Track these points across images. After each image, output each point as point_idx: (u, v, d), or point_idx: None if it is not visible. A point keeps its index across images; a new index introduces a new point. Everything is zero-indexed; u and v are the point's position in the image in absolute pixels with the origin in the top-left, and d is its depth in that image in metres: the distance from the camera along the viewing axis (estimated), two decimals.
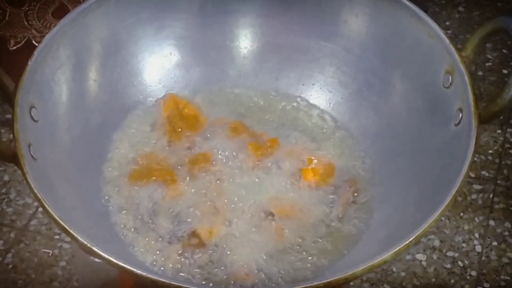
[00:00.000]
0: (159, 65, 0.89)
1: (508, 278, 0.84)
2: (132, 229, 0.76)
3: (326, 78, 0.89)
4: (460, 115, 0.71)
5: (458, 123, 0.71)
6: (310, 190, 0.79)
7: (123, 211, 0.77)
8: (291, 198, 0.78)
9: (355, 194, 0.79)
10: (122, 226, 0.76)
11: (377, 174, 0.81)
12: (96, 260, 0.60)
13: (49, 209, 0.61)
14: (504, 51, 1.23)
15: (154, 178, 0.79)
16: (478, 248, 0.88)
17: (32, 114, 0.71)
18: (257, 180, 0.79)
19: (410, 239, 0.61)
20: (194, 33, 0.89)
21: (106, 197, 0.79)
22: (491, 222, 0.90)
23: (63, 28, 0.77)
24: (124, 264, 0.59)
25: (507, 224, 0.92)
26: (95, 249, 0.60)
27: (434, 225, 0.61)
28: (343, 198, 0.79)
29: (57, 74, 0.77)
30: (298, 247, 0.75)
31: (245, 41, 0.92)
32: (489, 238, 0.89)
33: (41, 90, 0.73)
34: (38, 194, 0.62)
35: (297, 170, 0.81)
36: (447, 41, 0.74)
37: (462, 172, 0.64)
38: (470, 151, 0.66)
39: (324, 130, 0.87)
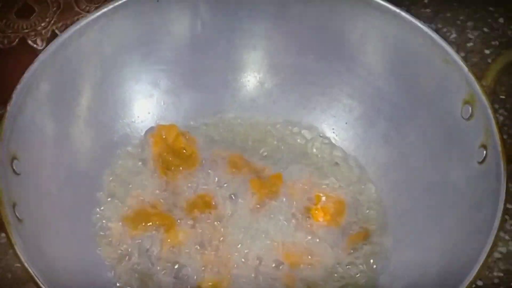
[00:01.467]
0: (147, 94, 0.82)
1: (501, 274, 0.80)
2: (131, 285, 0.70)
3: (329, 101, 0.83)
4: (484, 152, 0.66)
5: (482, 161, 0.66)
6: (320, 233, 0.74)
7: (119, 264, 0.71)
8: (300, 244, 0.73)
9: (369, 235, 0.74)
10: (120, 284, 0.70)
11: (392, 211, 0.76)
12: None
13: None
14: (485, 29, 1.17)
15: (150, 223, 0.73)
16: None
17: (14, 167, 0.64)
18: (262, 224, 0.73)
19: None
20: (184, 57, 0.82)
21: (99, 249, 0.72)
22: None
23: (42, 63, 0.70)
24: None
25: None
26: None
27: None
28: (356, 240, 0.74)
29: (38, 115, 0.70)
30: None
31: (240, 64, 0.85)
32: None
33: (22, 137, 0.66)
34: (31, 270, 0.57)
35: (305, 210, 0.75)
36: (465, 68, 0.69)
37: (494, 226, 0.59)
38: (501, 200, 0.60)
39: (329, 160, 0.81)
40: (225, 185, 0.76)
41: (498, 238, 0.60)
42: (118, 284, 0.70)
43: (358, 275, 0.72)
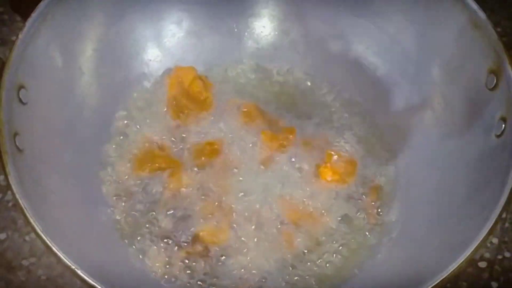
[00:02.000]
0: (168, 33, 0.81)
1: None
2: (129, 227, 0.70)
3: (354, 58, 0.80)
4: (503, 125, 0.63)
5: (500, 135, 0.63)
6: (326, 192, 0.72)
7: (120, 204, 0.71)
8: (304, 201, 0.71)
9: (377, 198, 0.72)
10: (118, 222, 0.70)
11: (404, 177, 0.74)
12: None
13: (37, 228, 0.55)
14: None
15: (156, 165, 0.73)
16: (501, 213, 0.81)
17: (20, 96, 0.63)
18: (268, 177, 0.72)
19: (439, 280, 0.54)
20: None
21: (103, 187, 0.72)
22: None
23: None
24: None
25: None
26: (79, 273, 0.54)
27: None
28: (363, 203, 0.72)
29: (52, 46, 0.68)
30: (308, 258, 0.69)
31: (265, 9, 0.82)
32: None
33: (32, 66, 0.65)
34: (21, 202, 0.56)
35: (314, 167, 0.73)
36: (495, 35, 0.65)
37: (500, 202, 0.57)
38: (511, 177, 0.57)
39: (347, 119, 0.79)
40: (235, 134, 0.75)
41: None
42: (117, 218, 0.70)
43: (359, 238, 0.71)
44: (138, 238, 0.69)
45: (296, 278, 0.67)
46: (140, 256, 0.68)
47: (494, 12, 0.65)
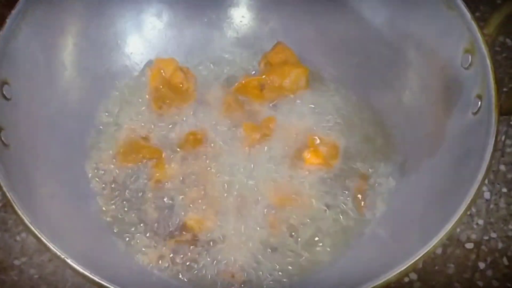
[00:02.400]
0: (149, 25, 0.81)
1: None
2: (116, 218, 0.71)
3: (333, 44, 0.81)
4: (479, 103, 0.64)
5: (477, 112, 0.64)
6: (311, 176, 0.73)
7: (107, 195, 0.72)
8: (289, 185, 0.72)
9: (361, 180, 0.73)
10: (105, 213, 0.71)
11: (386, 156, 0.75)
12: None
13: (24, 218, 0.56)
14: None
15: (141, 155, 0.74)
16: (487, 195, 0.82)
17: (4, 92, 0.64)
18: (252, 164, 0.73)
19: (419, 256, 0.55)
20: None
21: (89, 179, 0.73)
22: (502, 167, 0.85)
23: None
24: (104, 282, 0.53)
25: None
26: (69, 261, 0.54)
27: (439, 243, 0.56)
28: (347, 185, 0.73)
29: (33, 41, 0.69)
30: (294, 241, 0.70)
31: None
32: (498, 184, 0.83)
33: (14, 62, 0.66)
34: (9, 195, 0.57)
35: (297, 152, 0.74)
36: (468, 15, 0.66)
37: (478, 178, 0.58)
38: (488, 152, 0.59)
39: (327, 104, 0.79)
40: (218, 124, 0.76)
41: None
42: (104, 209, 0.71)
43: (342, 221, 0.72)
44: (126, 228, 0.70)
45: (282, 261, 0.69)
46: (130, 246, 0.69)
47: None
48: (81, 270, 0.54)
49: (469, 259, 0.78)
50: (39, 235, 0.55)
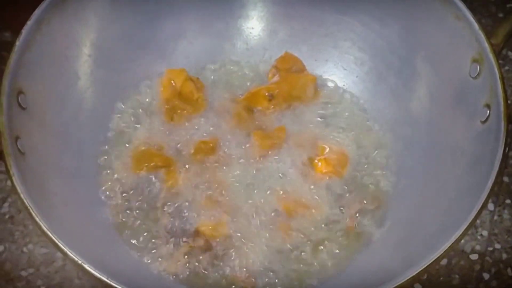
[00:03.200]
0: (160, 37, 0.82)
1: None
2: (130, 226, 0.72)
3: (341, 54, 0.83)
4: (488, 112, 0.65)
5: (485, 121, 0.65)
6: (321, 184, 0.74)
7: (120, 203, 0.73)
8: (300, 193, 0.73)
9: (370, 188, 0.74)
10: (119, 221, 0.72)
11: (394, 166, 0.76)
12: None
13: (41, 224, 0.57)
14: None
15: (153, 164, 0.74)
16: (491, 207, 0.83)
17: (20, 101, 0.65)
18: (263, 172, 0.74)
19: (429, 262, 0.56)
20: (198, 2, 0.82)
21: (102, 187, 0.74)
22: (505, 179, 0.85)
23: (54, 0, 0.70)
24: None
25: None
26: (86, 267, 0.55)
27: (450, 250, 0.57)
28: (357, 193, 0.74)
29: (48, 52, 0.70)
30: (304, 248, 0.71)
31: (253, 11, 0.85)
32: (502, 195, 0.83)
33: (30, 72, 0.67)
34: (26, 202, 0.57)
35: (308, 161, 0.75)
36: (476, 26, 0.67)
37: (488, 186, 0.58)
38: (497, 160, 0.60)
39: (337, 113, 0.80)
40: (229, 133, 0.77)
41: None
42: (118, 217, 0.72)
43: (356, 227, 0.73)
44: (139, 236, 0.71)
45: (292, 267, 0.69)
46: (143, 253, 0.70)
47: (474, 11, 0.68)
48: (98, 275, 0.55)
49: (474, 270, 0.78)
50: (57, 241, 0.56)
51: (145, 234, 0.71)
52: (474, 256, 0.79)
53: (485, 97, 0.65)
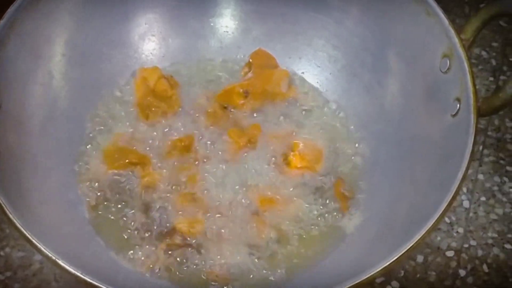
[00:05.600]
0: (135, 35, 0.83)
1: (496, 235, 0.80)
2: (107, 224, 0.72)
3: (315, 52, 0.84)
4: (458, 105, 0.66)
5: (455, 114, 0.66)
6: (295, 179, 0.74)
7: (96, 200, 0.73)
8: (274, 188, 0.74)
9: (344, 183, 0.75)
10: (95, 219, 0.72)
11: (368, 161, 0.77)
12: None
13: (15, 221, 0.57)
14: None
15: (127, 161, 0.74)
16: (466, 204, 0.83)
17: None
18: (239, 169, 0.75)
19: (401, 253, 0.56)
20: (171, 1, 0.83)
21: (78, 185, 0.74)
22: (480, 176, 0.86)
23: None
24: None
25: (497, 179, 0.87)
26: (60, 262, 0.55)
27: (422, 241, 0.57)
28: (331, 188, 0.75)
29: (21, 51, 0.70)
30: (280, 242, 0.71)
31: (227, 9, 0.85)
32: (477, 193, 0.84)
33: (3, 71, 0.67)
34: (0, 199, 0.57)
35: (283, 157, 0.76)
36: (446, 21, 0.68)
37: (458, 177, 0.59)
38: (467, 152, 0.61)
39: (311, 110, 0.81)
40: (204, 131, 0.77)
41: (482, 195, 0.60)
42: (93, 215, 0.72)
43: (326, 223, 0.73)
44: (116, 233, 0.71)
45: (269, 261, 0.70)
46: (120, 251, 0.70)
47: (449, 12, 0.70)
48: (72, 270, 0.55)
49: (450, 267, 0.79)
50: (30, 237, 0.56)
51: (122, 231, 0.71)
52: (450, 253, 0.80)
53: (455, 91, 0.66)
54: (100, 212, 0.72)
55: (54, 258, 0.55)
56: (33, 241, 0.56)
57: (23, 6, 0.69)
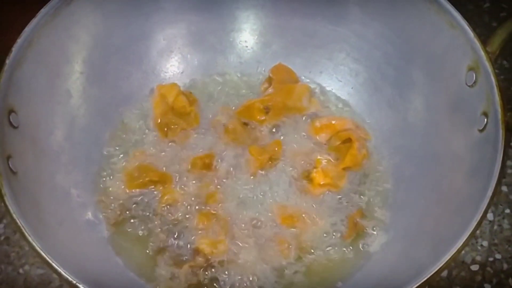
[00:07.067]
0: (153, 52, 0.82)
1: None
2: (127, 245, 0.71)
3: (336, 66, 0.83)
4: (485, 120, 0.64)
5: (483, 129, 0.64)
6: (319, 197, 0.73)
7: (116, 223, 0.72)
8: (297, 207, 0.72)
9: (362, 214, 0.73)
10: (115, 241, 0.71)
11: (391, 176, 0.76)
12: None
13: (34, 244, 0.56)
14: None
15: (148, 179, 0.73)
16: (490, 216, 0.82)
17: (11, 120, 0.64)
18: (260, 186, 0.73)
19: (431, 273, 0.55)
20: (189, 16, 0.82)
21: (97, 205, 0.73)
22: (504, 188, 0.84)
23: (44, 17, 0.69)
24: None
25: None
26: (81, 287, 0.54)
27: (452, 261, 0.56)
28: (356, 205, 0.73)
29: (39, 70, 0.69)
30: (303, 261, 0.70)
31: (246, 24, 0.84)
32: (501, 205, 0.83)
33: (21, 90, 0.66)
34: (18, 222, 0.56)
35: (305, 174, 0.75)
36: (471, 33, 0.67)
37: (487, 195, 0.58)
38: (496, 169, 0.59)
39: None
40: (224, 148, 0.76)
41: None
42: (112, 236, 0.71)
43: (351, 242, 0.72)
44: (137, 255, 0.70)
45: (292, 281, 0.68)
46: (142, 273, 0.69)
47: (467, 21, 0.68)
48: None
49: (475, 281, 0.77)
50: (50, 261, 0.55)
51: (143, 253, 0.70)
52: (475, 267, 0.78)
53: (482, 105, 0.65)
54: (120, 232, 0.71)
55: (74, 282, 0.54)
56: (53, 264, 0.55)
57: (40, 24, 0.68)
